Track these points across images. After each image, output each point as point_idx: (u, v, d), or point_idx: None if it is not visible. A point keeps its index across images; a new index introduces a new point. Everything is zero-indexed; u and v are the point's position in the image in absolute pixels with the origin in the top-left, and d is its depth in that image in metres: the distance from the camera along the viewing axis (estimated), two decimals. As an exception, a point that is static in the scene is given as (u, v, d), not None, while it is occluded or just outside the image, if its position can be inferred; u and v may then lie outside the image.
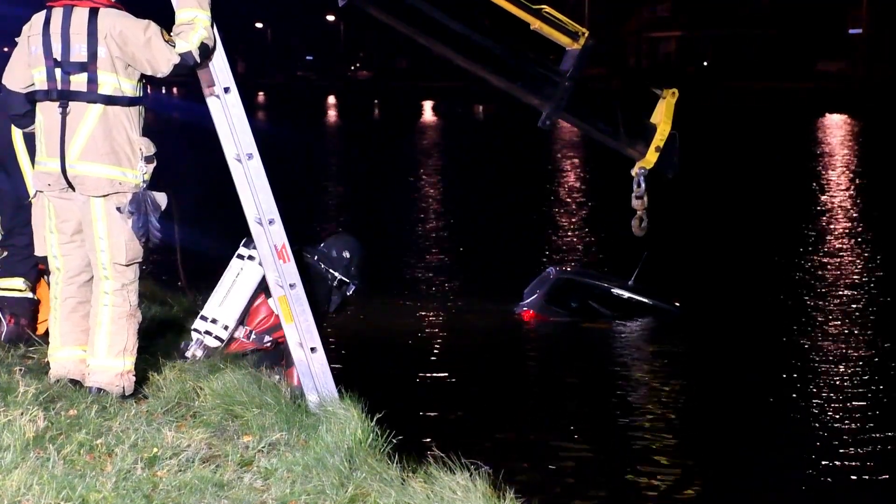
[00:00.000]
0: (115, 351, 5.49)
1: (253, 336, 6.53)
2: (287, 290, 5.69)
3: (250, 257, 6.42)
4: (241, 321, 6.48)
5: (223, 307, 6.44)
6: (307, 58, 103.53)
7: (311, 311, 5.84)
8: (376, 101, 66.84)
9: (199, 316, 6.49)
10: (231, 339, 6.43)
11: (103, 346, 5.49)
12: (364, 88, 76.47)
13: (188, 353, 6.34)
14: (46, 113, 5.47)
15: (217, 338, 6.39)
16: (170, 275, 8.45)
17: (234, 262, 6.50)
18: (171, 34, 5.43)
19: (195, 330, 6.44)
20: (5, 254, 6.62)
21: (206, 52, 5.42)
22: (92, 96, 5.37)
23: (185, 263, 6.14)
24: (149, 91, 5.59)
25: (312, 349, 5.72)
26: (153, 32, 5.35)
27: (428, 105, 62.21)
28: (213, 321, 6.41)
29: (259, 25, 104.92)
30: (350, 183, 27.01)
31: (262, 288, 6.36)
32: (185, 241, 6.08)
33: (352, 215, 21.03)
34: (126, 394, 5.52)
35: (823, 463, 7.99)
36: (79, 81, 5.37)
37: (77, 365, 5.61)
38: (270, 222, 5.66)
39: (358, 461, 4.80)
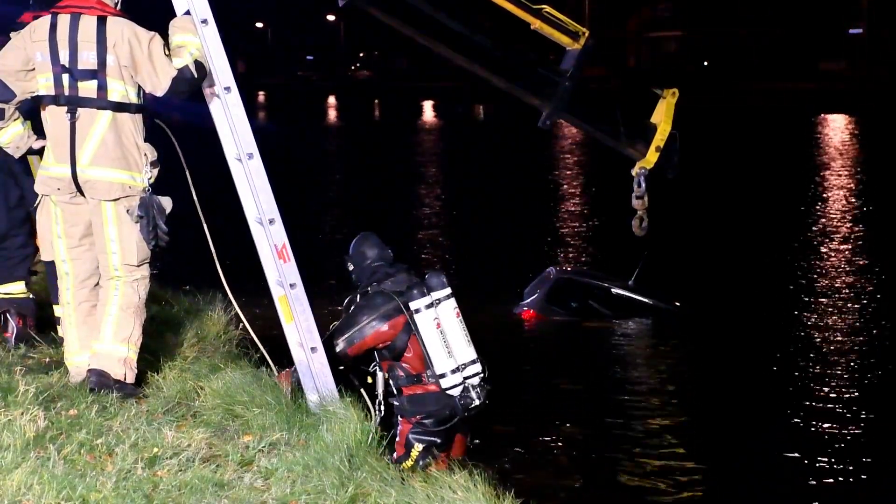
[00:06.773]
0: (120, 337, 5.54)
1: None
2: (287, 290, 5.70)
3: (430, 304, 6.11)
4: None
5: (452, 357, 6.11)
6: (307, 58, 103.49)
7: None
8: (376, 101, 66.78)
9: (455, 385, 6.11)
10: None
11: (109, 331, 5.55)
12: (364, 88, 76.40)
13: (476, 404, 6.12)
14: (54, 118, 5.51)
15: (476, 376, 6.18)
16: (168, 275, 8.45)
17: (424, 318, 6.07)
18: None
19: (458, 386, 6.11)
20: None
21: (202, 69, 5.49)
22: (101, 103, 5.44)
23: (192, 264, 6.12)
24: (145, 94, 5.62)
25: (313, 349, 5.73)
26: (157, 44, 5.45)
27: (428, 105, 62.15)
28: (454, 371, 6.10)
29: (259, 25, 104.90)
30: (350, 183, 26.99)
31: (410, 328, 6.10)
32: (185, 242, 6.09)
33: (351, 215, 21.01)
34: (126, 381, 5.54)
35: (823, 463, 7.99)
36: (88, 88, 5.43)
37: None
38: (271, 222, 5.67)
39: (358, 461, 4.81)
